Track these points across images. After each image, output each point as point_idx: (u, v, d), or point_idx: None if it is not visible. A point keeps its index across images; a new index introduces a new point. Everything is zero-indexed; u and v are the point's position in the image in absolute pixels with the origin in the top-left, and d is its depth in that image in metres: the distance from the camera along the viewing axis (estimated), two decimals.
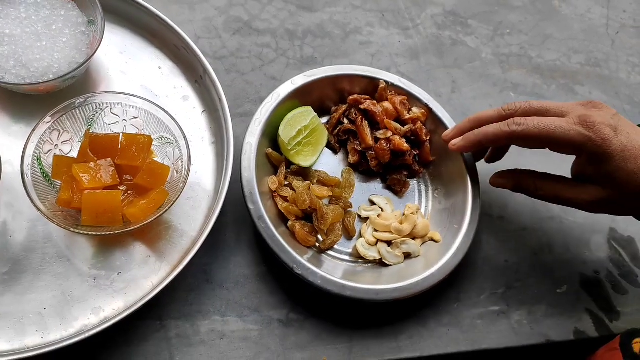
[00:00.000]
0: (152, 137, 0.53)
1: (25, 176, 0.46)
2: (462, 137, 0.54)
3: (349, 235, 0.57)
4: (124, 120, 0.53)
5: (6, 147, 0.53)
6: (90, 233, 0.46)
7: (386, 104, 0.60)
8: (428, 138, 0.61)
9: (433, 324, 0.56)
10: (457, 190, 0.59)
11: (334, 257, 0.56)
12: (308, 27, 0.70)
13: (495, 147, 0.59)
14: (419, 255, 0.56)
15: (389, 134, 0.59)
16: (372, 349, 0.53)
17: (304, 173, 0.58)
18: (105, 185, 0.49)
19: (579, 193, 0.51)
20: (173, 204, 0.49)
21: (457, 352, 0.54)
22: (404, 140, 0.59)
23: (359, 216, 0.59)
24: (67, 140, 0.51)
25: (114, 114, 0.53)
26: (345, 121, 0.61)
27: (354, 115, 0.60)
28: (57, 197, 0.49)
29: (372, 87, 0.62)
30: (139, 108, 0.53)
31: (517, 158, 0.67)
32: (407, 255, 0.56)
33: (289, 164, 0.58)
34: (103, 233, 0.47)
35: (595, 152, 0.47)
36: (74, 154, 0.52)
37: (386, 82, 0.61)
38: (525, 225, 0.63)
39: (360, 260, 0.56)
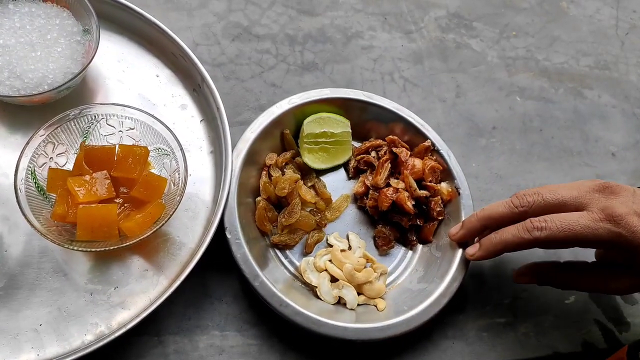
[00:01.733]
0: (149, 148, 0.52)
1: (19, 191, 0.45)
2: (481, 248, 0.50)
3: (305, 250, 0.55)
4: (120, 131, 0.52)
5: (1, 159, 0.52)
6: (85, 249, 0.46)
7: (417, 161, 0.57)
8: (439, 219, 0.57)
9: (437, 336, 0.54)
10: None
11: (279, 260, 0.54)
12: (309, 31, 0.68)
13: None
14: (350, 309, 0.52)
15: (401, 185, 0.56)
16: None
17: (306, 172, 0.57)
18: (100, 198, 0.48)
19: (613, 284, 0.48)
20: (170, 217, 0.48)
21: None
22: (412, 202, 0.55)
23: (327, 241, 0.56)
24: (62, 153, 0.51)
25: (109, 125, 0.52)
26: (373, 154, 0.59)
27: (383, 153, 0.58)
28: (52, 212, 0.48)
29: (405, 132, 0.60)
30: (135, 119, 0.52)
31: (524, 165, 0.66)
32: (338, 301, 0.52)
33: (296, 155, 0.57)
34: (98, 249, 0.46)
35: (628, 246, 0.44)
36: (70, 166, 0.51)
37: (433, 145, 0.58)
38: None
39: (298, 278, 0.54)
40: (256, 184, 0.56)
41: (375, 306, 0.53)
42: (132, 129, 0.52)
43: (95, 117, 0.51)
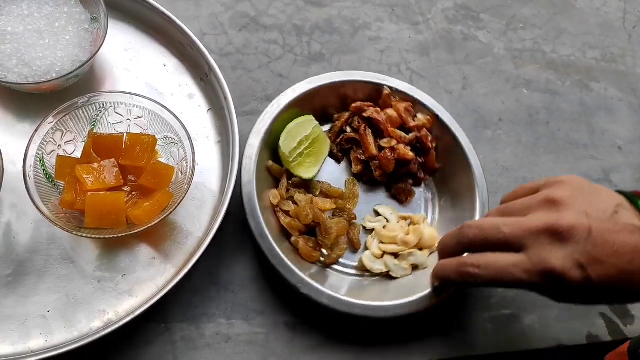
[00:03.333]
0: (157, 137, 0.52)
1: (28, 177, 0.45)
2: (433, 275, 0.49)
3: (354, 248, 0.56)
4: (128, 119, 0.52)
5: (10, 146, 0.52)
6: (93, 236, 0.46)
7: (390, 111, 0.58)
8: (434, 145, 0.59)
9: (442, 326, 0.54)
10: (465, 202, 0.57)
11: (339, 272, 0.54)
12: (316, 22, 0.68)
13: None
14: (426, 267, 0.54)
15: (394, 142, 0.57)
16: (381, 353, 0.52)
17: (307, 185, 0.57)
18: (109, 186, 0.48)
19: None
20: (177, 205, 0.48)
21: (466, 355, 0.53)
22: (409, 149, 0.57)
23: (364, 228, 0.57)
24: (71, 141, 0.51)
25: (117, 113, 0.52)
26: (348, 129, 0.59)
27: (357, 124, 0.58)
28: (60, 199, 0.48)
29: (376, 93, 0.60)
30: (143, 107, 0.52)
31: (530, 157, 0.66)
32: (415, 267, 0.55)
33: (290, 176, 0.56)
34: (107, 236, 0.46)
35: (559, 289, 0.40)
36: (78, 154, 0.51)
37: (390, 88, 0.59)
38: None
39: (367, 274, 0.55)
40: (274, 170, 0.56)
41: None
42: (140, 117, 0.52)
43: (103, 105, 0.51)
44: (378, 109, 0.59)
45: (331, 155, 0.60)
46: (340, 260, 0.55)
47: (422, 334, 0.53)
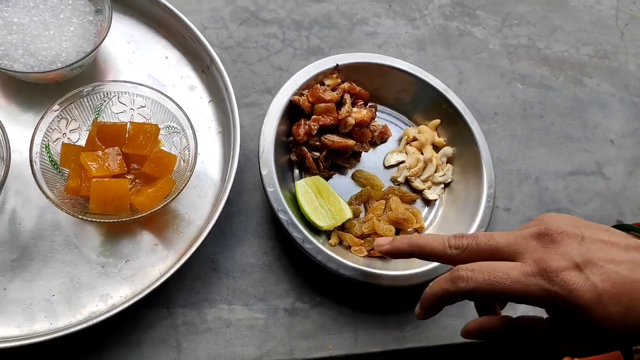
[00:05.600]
0: (159, 126, 0.53)
1: (34, 164, 0.47)
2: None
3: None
4: (132, 109, 0.54)
5: (15, 135, 0.53)
6: (98, 220, 0.47)
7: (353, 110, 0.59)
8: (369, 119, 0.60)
9: (438, 314, 0.56)
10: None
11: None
12: (315, 17, 0.69)
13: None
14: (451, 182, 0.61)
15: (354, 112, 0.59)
16: (378, 339, 0.53)
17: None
18: (113, 173, 0.49)
19: (572, 346, 0.40)
20: (180, 192, 0.49)
21: (462, 342, 0.54)
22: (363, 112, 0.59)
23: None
24: (75, 129, 0.52)
25: (121, 102, 0.53)
26: (294, 157, 0.59)
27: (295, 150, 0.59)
28: (65, 185, 0.49)
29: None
30: (146, 97, 0.53)
31: (524, 150, 0.67)
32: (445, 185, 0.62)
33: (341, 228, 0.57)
34: (111, 220, 0.47)
35: (565, 307, 0.37)
36: (82, 142, 0.52)
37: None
38: (532, 216, 0.63)
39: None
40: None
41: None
42: (143, 107, 0.53)
43: (107, 94, 0.52)
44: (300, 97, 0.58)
45: (324, 177, 0.59)
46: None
47: (417, 321, 0.54)
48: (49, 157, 0.49)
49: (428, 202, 0.61)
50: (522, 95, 0.71)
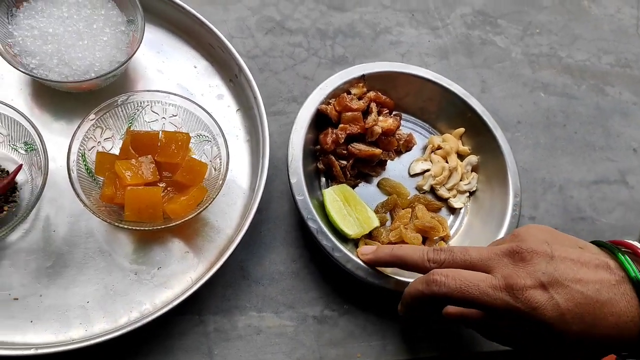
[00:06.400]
0: (190, 134, 0.53)
1: (72, 172, 0.47)
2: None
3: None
4: (163, 118, 0.54)
5: (48, 143, 0.53)
6: (134, 228, 0.47)
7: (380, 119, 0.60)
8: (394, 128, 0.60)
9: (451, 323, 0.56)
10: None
11: None
12: (339, 26, 0.70)
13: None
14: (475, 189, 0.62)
15: (380, 120, 0.59)
16: (406, 346, 0.54)
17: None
18: (146, 181, 0.50)
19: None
20: (213, 200, 0.50)
21: (491, 351, 0.54)
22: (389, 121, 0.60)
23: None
24: (109, 138, 0.52)
25: (154, 112, 0.54)
26: (321, 166, 0.59)
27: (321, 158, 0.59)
28: (100, 193, 0.50)
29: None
30: (178, 106, 0.53)
31: (548, 159, 0.67)
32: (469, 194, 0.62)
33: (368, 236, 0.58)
34: (145, 228, 0.48)
35: (527, 324, 0.39)
36: (115, 150, 0.53)
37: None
38: (557, 225, 0.63)
39: None
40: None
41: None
42: (175, 115, 0.54)
43: (140, 103, 0.53)
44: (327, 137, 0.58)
45: (351, 186, 0.60)
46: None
47: (429, 330, 0.55)
48: (85, 165, 0.50)
49: (453, 211, 0.61)
50: (545, 103, 0.71)
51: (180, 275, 0.52)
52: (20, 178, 0.51)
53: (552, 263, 0.40)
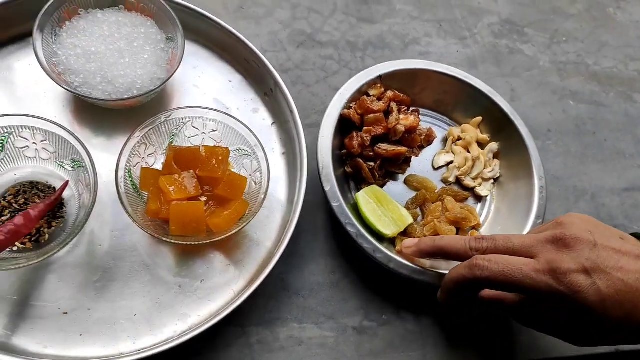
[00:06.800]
0: (229, 149, 0.54)
1: (120, 188, 0.48)
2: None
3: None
4: (203, 133, 0.55)
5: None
6: (181, 242, 0.48)
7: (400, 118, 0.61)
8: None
9: (506, 332, 0.56)
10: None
11: None
12: (368, 38, 0.71)
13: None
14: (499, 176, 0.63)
15: (401, 118, 0.60)
16: (445, 356, 0.54)
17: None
18: (189, 196, 0.51)
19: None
20: (256, 214, 0.51)
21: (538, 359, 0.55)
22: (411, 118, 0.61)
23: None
24: (152, 153, 0.53)
25: (194, 127, 0.55)
26: (348, 169, 0.60)
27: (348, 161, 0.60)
28: (145, 208, 0.51)
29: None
30: (218, 121, 0.54)
31: (579, 167, 0.67)
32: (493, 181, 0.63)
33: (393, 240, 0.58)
34: (192, 242, 0.49)
35: (567, 306, 0.41)
36: (157, 166, 0.54)
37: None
38: None
39: None
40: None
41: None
42: (215, 131, 0.55)
43: (182, 119, 0.54)
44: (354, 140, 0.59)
45: (380, 186, 0.60)
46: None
47: (482, 337, 0.55)
48: (131, 181, 0.51)
49: (480, 199, 0.63)
50: (574, 111, 0.71)
51: (222, 287, 0.52)
52: (66, 194, 0.52)
53: (595, 250, 0.41)
